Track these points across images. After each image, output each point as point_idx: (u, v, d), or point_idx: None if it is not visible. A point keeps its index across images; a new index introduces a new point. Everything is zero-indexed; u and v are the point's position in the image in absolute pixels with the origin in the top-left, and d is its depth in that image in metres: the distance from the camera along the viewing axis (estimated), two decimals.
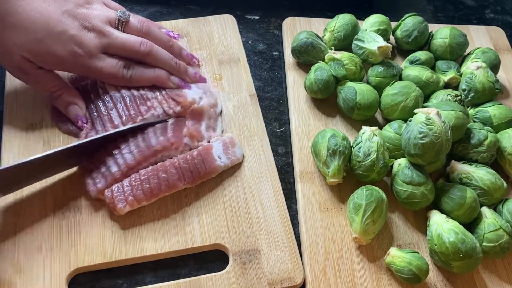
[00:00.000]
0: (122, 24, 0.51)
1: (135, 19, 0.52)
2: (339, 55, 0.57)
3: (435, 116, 0.48)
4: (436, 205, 0.51)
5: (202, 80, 0.57)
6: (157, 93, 0.53)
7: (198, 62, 0.59)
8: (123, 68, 0.51)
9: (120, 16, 0.51)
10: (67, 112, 0.51)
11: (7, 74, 0.55)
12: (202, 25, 0.62)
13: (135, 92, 0.52)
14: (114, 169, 0.48)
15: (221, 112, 0.56)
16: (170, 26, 0.61)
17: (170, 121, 0.52)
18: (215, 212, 0.49)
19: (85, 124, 0.51)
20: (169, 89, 0.53)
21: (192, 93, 0.54)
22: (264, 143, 0.54)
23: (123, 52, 0.51)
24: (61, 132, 0.52)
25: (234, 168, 0.52)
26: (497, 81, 0.59)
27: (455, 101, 0.55)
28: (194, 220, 0.48)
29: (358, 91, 0.55)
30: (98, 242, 0.46)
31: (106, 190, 0.47)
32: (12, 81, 0.55)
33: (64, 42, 0.47)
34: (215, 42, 0.61)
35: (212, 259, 0.47)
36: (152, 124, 0.51)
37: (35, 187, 0.48)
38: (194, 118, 0.53)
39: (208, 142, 0.52)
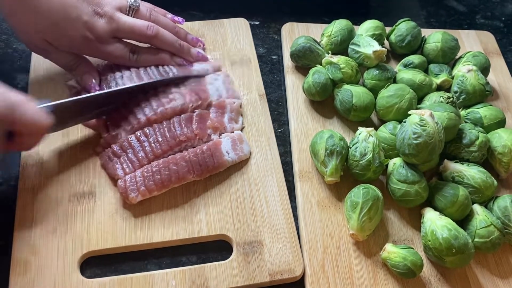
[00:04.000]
0: (132, 11, 0.54)
1: (145, 8, 0.55)
2: (336, 59, 0.58)
3: (428, 117, 0.49)
4: (430, 203, 0.52)
5: (204, 58, 0.59)
6: (181, 87, 0.55)
7: (203, 45, 0.61)
8: (130, 53, 0.54)
9: (132, 4, 0.54)
10: (82, 80, 0.54)
11: (32, 67, 0.57)
12: (216, 27, 0.65)
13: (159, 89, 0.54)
14: (141, 155, 0.50)
15: (241, 106, 0.57)
16: (185, 28, 0.62)
17: (196, 112, 0.54)
18: (222, 204, 0.50)
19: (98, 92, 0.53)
20: (196, 83, 0.56)
21: (213, 89, 0.56)
22: (271, 142, 0.55)
23: (131, 36, 0.54)
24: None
25: (241, 164, 0.53)
26: (487, 83, 0.60)
27: (447, 102, 0.56)
28: (201, 211, 0.50)
29: (354, 93, 0.56)
30: (110, 228, 0.48)
31: (119, 180, 0.49)
32: (36, 72, 0.56)
33: (77, 27, 0.50)
34: (228, 43, 0.63)
35: (216, 248, 0.49)
36: (172, 81, 0.54)
37: (52, 174, 0.50)
38: (217, 110, 0.55)
39: (232, 133, 0.54)
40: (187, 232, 0.48)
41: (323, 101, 0.60)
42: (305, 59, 0.61)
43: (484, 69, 0.62)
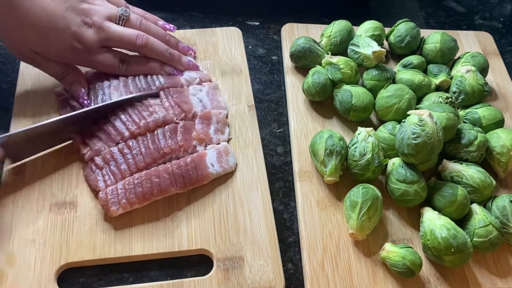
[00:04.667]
0: (122, 21, 0.53)
1: (135, 17, 0.54)
2: (335, 59, 0.59)
3: (427, 117, 0.49)
4: (429, 202, 0.52)
5: (195, 67, 0.59)
6: (164, 99, 0.54)
7: (195, 53, 0.61)
8: (119, 62, 0.54)
9: (122, 14, 0.53)
10: (71, 89, 0.53)
11: (19, 75, 0.57)
12: (208, 36, 0.64)
13: (137, 103, 0.53)
14: (124, 167, 0.49)
15: (227, 116, 0.57)
16: (177, 36, 0.62)
17: (180, 123, 0.53)
18: (204, 218, 0.49)
19: (86, 101, 0.52)
20: (177, 95, 0.55)
21: (196, 100, 0.55)
22: (258, 154, 0.54)
23: (121, 45, 0.53)
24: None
25: (226, 176, 0.52)
26: (486, 83, 0.60)
27: (446, 103, 0.56)
28: (183, 224, 0.49)
29: (354, 93, 0.56)
30: (89, 239, 0.47)
31: (100, 192, 0.48)
32: (24, 82, 0.56)
33: (65, 38, 0.49)
34: (219, 52, 0.62)
35: (197, 263, 0.48)
36: (149, 96, 0.53)
37: (34, 181, 0.50)
38: (202, 121, 0.54)
39: (218, 144, 0.53)
40: (167, 246, 0.47)
41: (322, 101, 0.60)
42: (304, 60, 0.61)
43: (483, 70, 0.62)
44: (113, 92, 0.54)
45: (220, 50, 0.63)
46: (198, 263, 0.48)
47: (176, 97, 0.55)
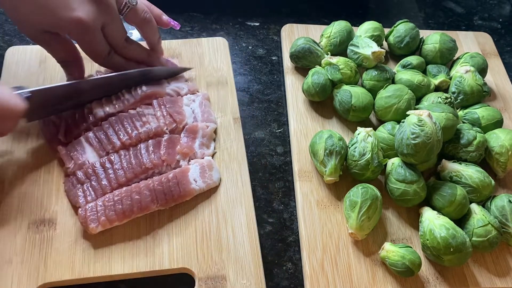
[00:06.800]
0: (127, 9, 0.52)
1: (141, 9, 0.53)
2: (335, 60, 0.59)
3: (426, 117, 0.49)
4: (428, 202, 0.52)
5: (170, 63, 0.58)
6: (157, 108, 0.53)
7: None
8: (107, 54, 0.52)
9: (128, 1, 0.51)
10: (68, 79, 0.53)
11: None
12: (194, 47, 0.62)
13: (131, 111, 0.53)
14: (104, 183, 0.48)
15: (215, 130, 0.55)
16: (163, 46, 0.59)
17: (165, 137, 0.52)
18: (186, 235, 0.48)
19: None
20: (171, 105, 0.54)
21: (189, 111, 0.54)
22: (243, 168, 0.53)
23: (113, 37, 0.51)
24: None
25: (210, 192, 0.51)
26: (485, 84, 0.60)
27: (445, 103, 0.56)
28: (164, 242, 0.47)
29: (353, 94, 0.56)
30: (68, 258, 0.46)
31: (80, 209, 0.47)
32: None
33: (73, 9, 0.47)
34: (205, 63, 0.61)
35: (178, 282, 0.47)
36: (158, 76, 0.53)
37: (13, 198, 0.48)
38: (188, 135, 0.53)
39: (202, 158, 0.52)
40: (148, 265, 0.46)
41: (322, 102, 0.60)
42: (304, 60, 0.62)
43: (482, 70, 0.62)
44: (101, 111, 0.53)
45: (205, 61, 0.61)
46: (180, 282, 0.47)
47: (169, 107, 0.54)
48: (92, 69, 0.58)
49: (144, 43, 0.56)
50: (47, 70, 0.58)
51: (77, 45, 0.52)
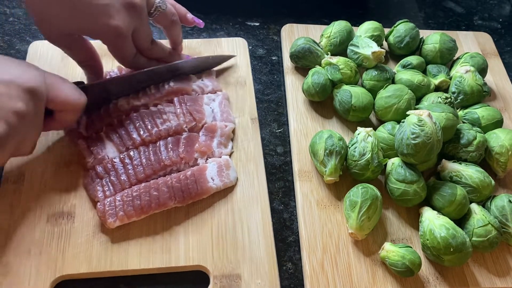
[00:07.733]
0: (157, 12, 0.52)
1: (170, 12, 0.53)
2: (335, 60, 0.59)
3: (426, 117, 0.49)
4: (428, 202, 0.52)
5: (186, 56, 0.58)
6: (177, 105, 0.54)
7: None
8: (134, 56, 0.53)
9: (159, 6, 0.52)
10: (88, 80, 0.55)
11: None
12: (214, 47, 0.63)
13: (152, 108, 0.54)
14: (123, 178, 0.49)
15: (233, 130, 0.56)
16: (183, 45, 0.60)
17: (184, 135, 0.52)
18: (202, 233, 0.48)
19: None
20: (191, 103, 0.54)
21: (209, 110, 0.55)
22: (260, 168, 0.53)
23: (141, 40, 0.52)
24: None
25: (226, 191, 0.51)
26: (485, 84, 0.60)
27: (445, 103, 0.56)
28: (180, 239, 0.48)
29: (353, 94, 0.56)
30: (86, 252, 0.46)
31: (98, 203, 0.47)
32: None
33: (110, 14, 0.47)
34: (224, 64, 0.61)
35: (193, 279, 0.47)
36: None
37: (33, 190, 0.49)
38: (207, 134, 0.53)
39: (219, 157, 0.53)
40: (164, 261, 0.46)
41: (322, 102, 0.60)
42: (304, 60, 0.62)
43: (482, 70, 0.62)
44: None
45: None
46: (195, 279, 0.47)
47: (189, 105, 0.54)
48: (113, 65, 0.59)
49: (164, 42, 0.57)
50: (69, 65, 0.59)
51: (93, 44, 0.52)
